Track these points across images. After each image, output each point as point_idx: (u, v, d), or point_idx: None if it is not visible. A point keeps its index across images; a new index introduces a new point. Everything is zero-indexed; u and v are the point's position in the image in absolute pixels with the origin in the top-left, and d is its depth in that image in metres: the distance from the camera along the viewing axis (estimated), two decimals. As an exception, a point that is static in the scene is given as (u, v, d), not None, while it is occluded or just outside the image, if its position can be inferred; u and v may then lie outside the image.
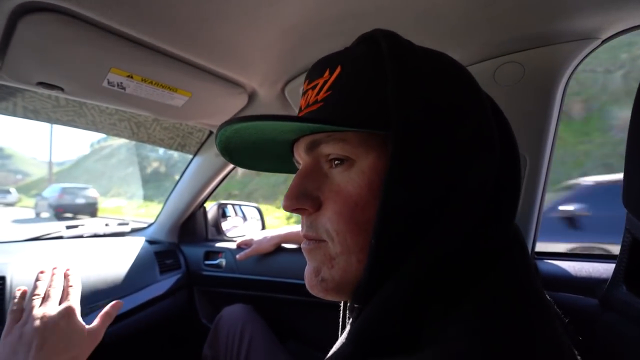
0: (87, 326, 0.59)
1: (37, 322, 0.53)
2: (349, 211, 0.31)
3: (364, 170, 0.31)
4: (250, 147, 0.39)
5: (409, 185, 0.29)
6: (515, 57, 0.61)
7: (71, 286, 0.61)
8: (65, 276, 0.63)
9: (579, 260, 0.70)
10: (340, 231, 0.32)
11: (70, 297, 0.59)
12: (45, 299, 0.58)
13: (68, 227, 1.29)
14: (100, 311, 0.87)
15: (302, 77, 0.76)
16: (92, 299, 0.97)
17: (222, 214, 1.48)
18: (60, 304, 0.58)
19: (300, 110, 0.36)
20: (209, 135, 1.11)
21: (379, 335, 0.28)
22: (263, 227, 1.56)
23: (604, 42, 0.57)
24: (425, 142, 0.29)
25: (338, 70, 0.33)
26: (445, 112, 0.30)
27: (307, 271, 0.36)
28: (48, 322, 0.53)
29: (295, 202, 0.34)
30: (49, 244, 1.09)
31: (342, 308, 0.47)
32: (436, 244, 0.28)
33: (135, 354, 1.14)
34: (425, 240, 0.28)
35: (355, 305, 0.37)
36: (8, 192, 17.36)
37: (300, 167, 0.37)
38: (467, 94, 0.32)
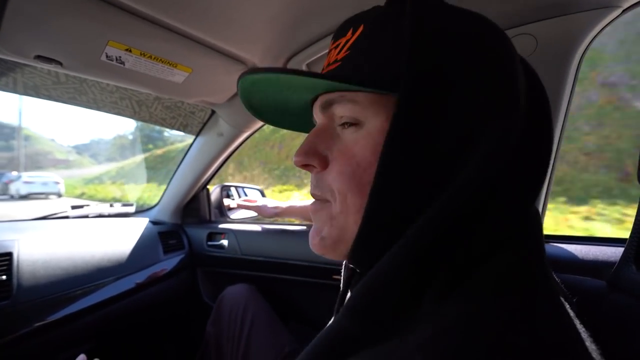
0: None
1: None
2: (351, 171, 0.32)
3: (371, 131, 0.31)
4: (273, 106, 0.41)
5: (408, 150, 0.28)
6: (528, 28, 0.58)
7: None
8: None
9: (586, 244, 0.69)
10: (342, 191, 0.33)
11: None
12: None
13: (73, 207, 1.31)
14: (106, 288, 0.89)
15: (305, 53, 0.74)
16: (97, 276, 0.99)
17: (226, 195, 1.48)
18: None
19: (323, 68, 0.36)
20: (211, 115, 1.10)
21: (374, 312, 0.27)
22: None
23: (625, 10, 0.54)
24: (430, 106, 0.28)
25: (360, 29, 0.33)
26: (460, 78, 0.28)
27: (311, 231, 0.37)
28: None
29: (304, 159, 0.35)
30: (55, 223, 1.10)
31: (342, 281, 0.47)
32: (439, 217, 0.26)
33: (140, 330, 1.17)
34: (427, 212, 0.27)
35: (353, 271, 0.38)
36: (57, 182, 15.41)
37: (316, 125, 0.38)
38: (491, 62, 0.29)
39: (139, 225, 1.24)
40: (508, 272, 0.26)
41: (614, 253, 0.62)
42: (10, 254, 0.85)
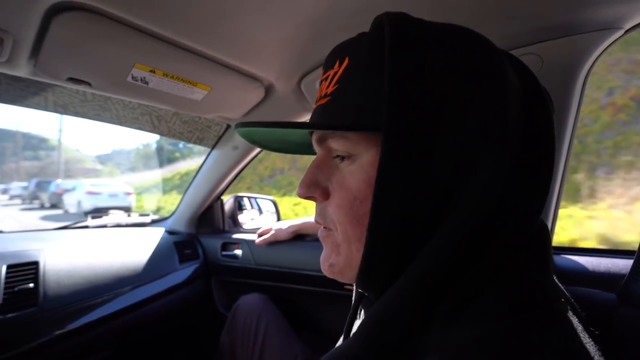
0: None
1: None
2: (349, 204, 0.33)
3: (364, 165, 0.32)
4: (274, 140, 0.43)
5: (400, 185, 0.28)
6: (533, 48, 0.60)
7: None
8: None
9: (597, 256, 0.69)
10: (341, 222, 0.34)
11: None
12: None
13: (93, 217, 1.36)
14: (125, 297, 0.90)
15: (318, 71, 0.77)
16: (117, 285, 1.02)
17: (239, 206, 1.51)
18: None
19: (317, 100, 0.37)
20: (226, 129, 1.14)
21: (386, 340, 0.28)
22: (278, 220, 1.58)
23: (627, 32, 0.56)
24: (417, 140, 0.28)
25: (346, 62, 0.33)
26: (448, 105, 0.28)
27: (322, 255, 0.38)
28: None
29: (307, 191, 0.36)
30: (76, 233, 1.15)
31: (353, 303, 0.48)
32: (442, 249, 0.27)
33: (155, 338, 1.19)
34: (429, 244, 0.28)
35: (362, 294, 0.39)
36: (128, 193, 11.47)
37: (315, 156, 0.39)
38: (481, 84, 0.28)
39: (155, 235, 1.28)
40: (513, 293, 0.27)
41: (626, 265, 0.61)
42: (36, 263, 0.89)
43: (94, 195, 10.54)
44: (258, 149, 1.17)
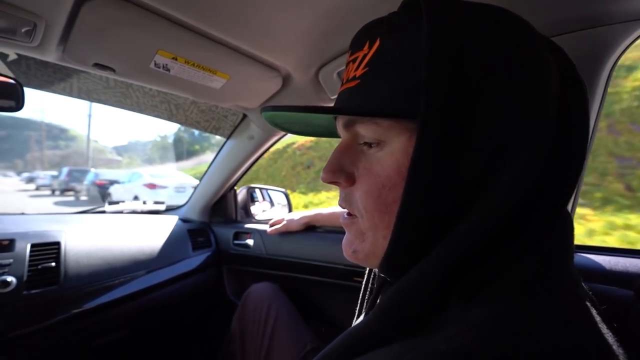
0: None
1: None
2: (377, 191, 0.32)
3: (394, 151, 0.31)
4: (297, 123, 0.42)
5: (435, 171, 0.28)
6: (556, 40, 0.59)
7: None
8: None
9: (616, 255, 0.68)
10: (369, 209, 0.33)
11: None
12: None
13: (110, 203, 1.40)
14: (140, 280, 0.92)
15: (336, 62, 0.77)
16: (133, 268, 1.05)
17: (251, 197, 1.53)
18: None
19: (342, 83, 0.36)
20: (242, 119, 1.15)
21: (405, 315, 0.29)
22: (290, 212, 1.60)
23: None
24: (455, 124, 0.27)
25: (377, 44, 0.31)
26: (488, 86, 0.27)
27: (344, 241, 0.38)
28: None
29: (332, 176, 0.36)
30: (94, 217, 1.18)
31: (362, 287, 0.48)
32: (468, 232, 0.27)
33: (168, 321, 1.23)
34: (457, 229, 0.28)
35: (384, 280, 0.39)
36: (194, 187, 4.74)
37: (340, 139, 0.39)
38: (521, 63, 0.27)
39: (169, 222, 1.31)
40: (535, 276, 0.27)
41: None
42: (58, 243, 0.92)
43: (157, 189, 8.24)
44: (274, 139, 1.18)
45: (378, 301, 0.39)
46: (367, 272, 0.49)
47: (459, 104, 0.27)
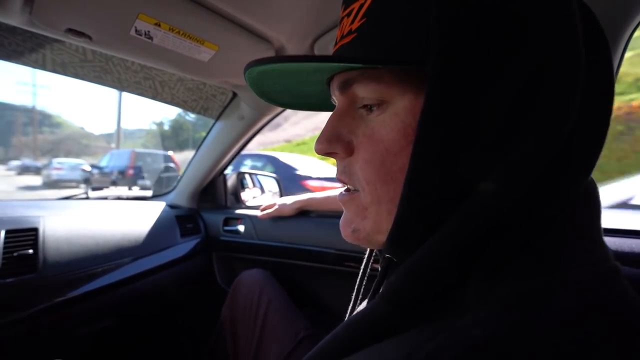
0: None
1: None
2: (380, 159, 0.29)
3: (398, 112, 0.28)
4: (286, 91, 0.37)
5: (448, 132, 0.24)
6: None
7: None
8: None
9: None
10: (371, 181, 0.30)
11: None
12: None
13: (94, 189, 1.34)
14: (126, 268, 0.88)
15: (333, 33, 0.73)
16: (117, 255, 1.00)
17: (241, 183, 1.49)
18: None
19: (336, 43, 0.32)
20: (232, 98, 1.10)
21: (421, 297, 0.26)
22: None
23: None
24: (471, 79, 0.24)
25: None
26: (504, 39, 0.24)
27: (342, 221, 0.35)
28: None
29: (327, 146, 0.32)
30: (77, 203, 1.12)
31: (361, 271, 0.46)
32: (485, 201, 0.24)
33: (156, 310, 1.19)
34: (471, 196, 0.25)
35: (390, 260, 0.36)
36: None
37: (335, 107, 0.35)
38: (542, 15, 0.24)
39: (156, 209, 1.26)
40: (562, 249, 0.24)
41: None
42: (36, 230, 0.87)
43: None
44: (265, 119, 1.13)
45: (384, 284, 0.36)
46: (367, 253, 0.46)
47: (478, 50, 0.24)
